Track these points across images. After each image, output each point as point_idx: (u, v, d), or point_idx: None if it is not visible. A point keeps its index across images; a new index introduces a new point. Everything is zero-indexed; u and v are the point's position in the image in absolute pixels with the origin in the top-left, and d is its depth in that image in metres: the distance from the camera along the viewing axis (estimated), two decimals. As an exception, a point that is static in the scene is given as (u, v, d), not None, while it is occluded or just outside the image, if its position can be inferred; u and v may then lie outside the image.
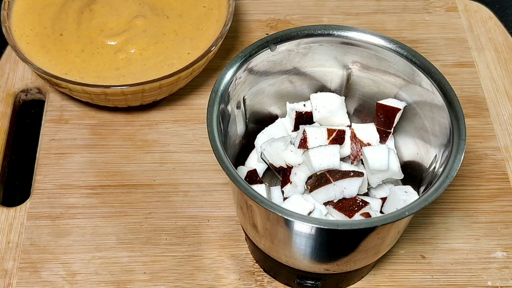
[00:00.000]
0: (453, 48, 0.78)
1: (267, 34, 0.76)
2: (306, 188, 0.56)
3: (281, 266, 0.57)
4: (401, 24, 0.80)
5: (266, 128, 0.60)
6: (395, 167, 0.56)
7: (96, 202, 0.65)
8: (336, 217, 0.54)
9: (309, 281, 0.58)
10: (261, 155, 0.58)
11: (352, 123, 0.59)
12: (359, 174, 0.54)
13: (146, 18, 0.71)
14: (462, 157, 0.50)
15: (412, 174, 0.58)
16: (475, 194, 0.66)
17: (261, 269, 0.61)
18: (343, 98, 0.60)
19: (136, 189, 0.66)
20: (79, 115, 0.72)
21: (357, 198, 0.54)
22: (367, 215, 0.53)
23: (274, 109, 0.61)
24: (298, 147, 0.56)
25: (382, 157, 0.54)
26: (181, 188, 0.66)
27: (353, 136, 0.57)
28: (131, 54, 0.69)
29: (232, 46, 0.77)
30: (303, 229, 0.49)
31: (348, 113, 0.60)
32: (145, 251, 0.62)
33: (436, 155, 0.54)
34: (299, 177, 0.56)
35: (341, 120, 0.60)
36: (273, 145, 0.56)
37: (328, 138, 0.56)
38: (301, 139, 0.56)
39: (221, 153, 0.50)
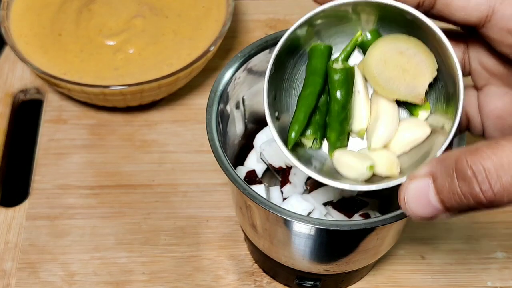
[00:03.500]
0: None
1: (266, 34, 0.76)
2: (305, 188, 0.56)
3: (280, 266, 0.56)
4: (400, 24, 0.80)
5: (265, 128, 0.60)
6: (395, 167, 0.56)
7: (95, 202, 0.65)
8: (336, 217, 0.54)
9: (308, 282, 0.58)
10: (260, 155, 0.58)
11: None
12: (358, 174, 0.54)
13: (145, 18, 0.71)
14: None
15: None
16: (475, 194, 0.66)
17: (260, 270, 0.61)
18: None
19: (135, 189, 0.66)
20: (78, 115, 0.72)
21: (356, 198, 0.54)
22: (367, 215, 0.53)
23: (274, 109, 0.61)
24: (297, 147, 0.56)
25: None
26: (180, 188, 0.66)
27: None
28: (130, 54, 0.69)
29: (231, 46, 0.77)
30: (303, 230, 0.49)
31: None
32: (144, 252, 0.62)
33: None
34: (298, 177, 0.56)
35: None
36: (273, 145, 0.56)
37: (328, 138, 0.56)
38: (301, 139, 0.55)
39: (220, 153, 0.50)
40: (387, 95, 0.42)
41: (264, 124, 0.60)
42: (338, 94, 0.43)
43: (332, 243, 0.52)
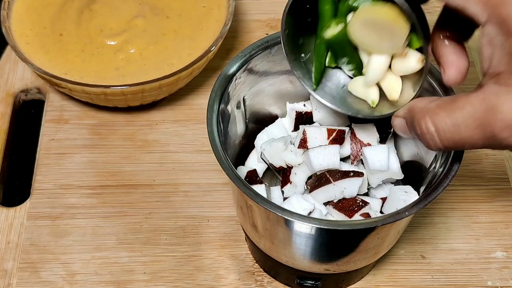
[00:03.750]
0: (453, 48, 0.77)
1: (267, 34, 0.76)
2: (306, 188, 0.56)
3: (281, 266, 0.56)
4: (401, 24, 0.80)
5: (266, 128, 0.60)
6: (395, 167, 0.56)
7: (96, 202, 0.65)
8: (336, 217, 0.54)
9: (309, 281, 0.58)
10: (261, 155, 0.58)
11: (352, 123, 0.59)
12: (359, 174, 0.54)
13: (146, 18, 0.71)
14: (462, 157, 0.50)
15: (412, 174, 0.58)
16: (475, 194, 0.66)
17: (261, 269, 0.61)
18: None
19: (136, 189, 0.66)
20: (79, 115, 0.72)
21: (357, 198, 0.54)
22: (367, 215, 0.53)
23: (274, 109, 0.61)
24: (298, 147, 0.56)
25: (382, 157, 0.54)
26: (181, 188, 0.66)
27: (353, 136, 0.57)
28: (131, 54, 0.69)
29: (232, 46, 0.77)
30: (303, 229, 0.49)
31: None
32: (145, 251, 0.62)
33: (436, 155, 0.54)
34: (299, 177, 0.56)
35: (341, 120, 0.59)
36: (273, 145, 0.56)
37: (328, 138, 0.56)
38: (301, 139, 0.56)
39: (221, 153, 0.50)
40: (373, 52, 0.50)
41: (265, 124, 0.60)
42: (334, 53, 0.52)
43: (332, 243, 0.52)
